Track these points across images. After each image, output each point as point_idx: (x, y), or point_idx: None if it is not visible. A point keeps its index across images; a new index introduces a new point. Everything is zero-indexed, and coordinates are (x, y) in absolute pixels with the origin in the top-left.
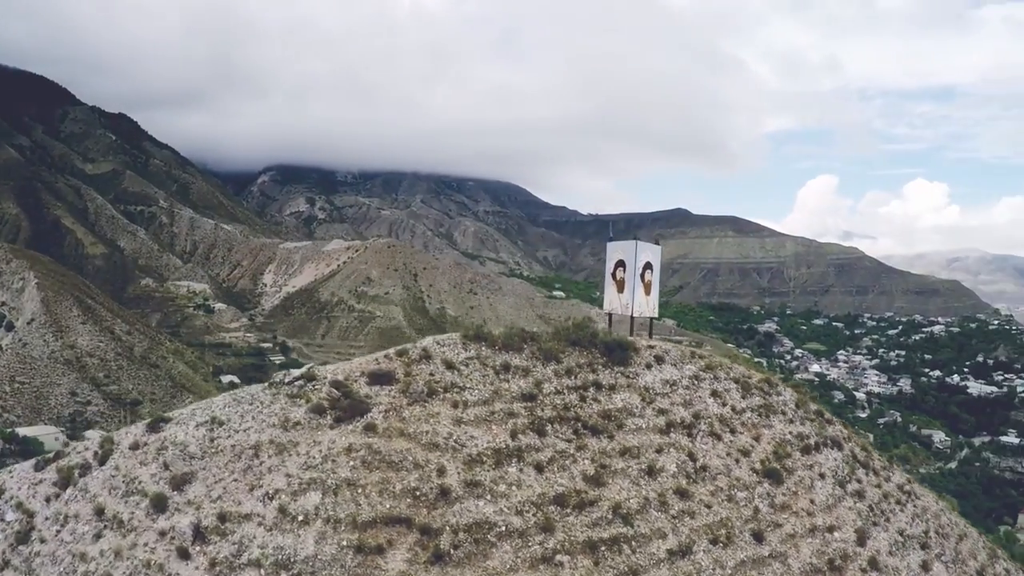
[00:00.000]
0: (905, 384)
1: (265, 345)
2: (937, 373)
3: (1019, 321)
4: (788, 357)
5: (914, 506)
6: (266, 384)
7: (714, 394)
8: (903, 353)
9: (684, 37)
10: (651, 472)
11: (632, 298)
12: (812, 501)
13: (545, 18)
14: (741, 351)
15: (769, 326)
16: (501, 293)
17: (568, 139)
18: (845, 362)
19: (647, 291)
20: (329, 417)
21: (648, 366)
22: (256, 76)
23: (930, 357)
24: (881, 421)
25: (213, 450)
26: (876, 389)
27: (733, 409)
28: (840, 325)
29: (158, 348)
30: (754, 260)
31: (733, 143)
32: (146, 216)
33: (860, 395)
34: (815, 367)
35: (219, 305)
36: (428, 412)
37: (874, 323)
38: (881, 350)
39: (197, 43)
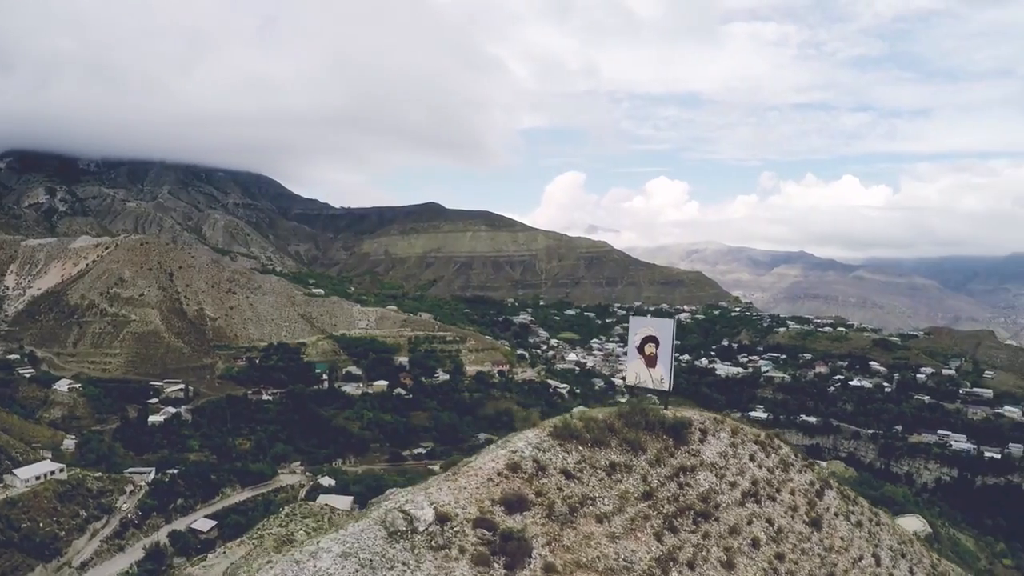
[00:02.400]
0: None
1: (12, 357)
2: (687, 357)
3: (758, 308)
4: (544, 347)
5: (878, 524)
6: (384, 533)
7: (751, 458)
8: None
9: (446, 34)
10: (755, 544)
11: (667, 375)
12: (841, 538)
13: (307, 7)
14: (500, 343)
15: (524, 317)
16: (261, 292)
17: (322, 131)
18: (599, 350)
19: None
20: (499, 567)
21: (701, 440)
22: None
23: (679, 342)
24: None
25: None
26: None
27: (768, 470)
28: (592, 315)
29: None
30: (507, 253)
31: (488, 139)
32: None
33: (618, 380)
34: (572, 356)
35: None
36: (583, 534)
37: (624, 312)
38: None
39: None
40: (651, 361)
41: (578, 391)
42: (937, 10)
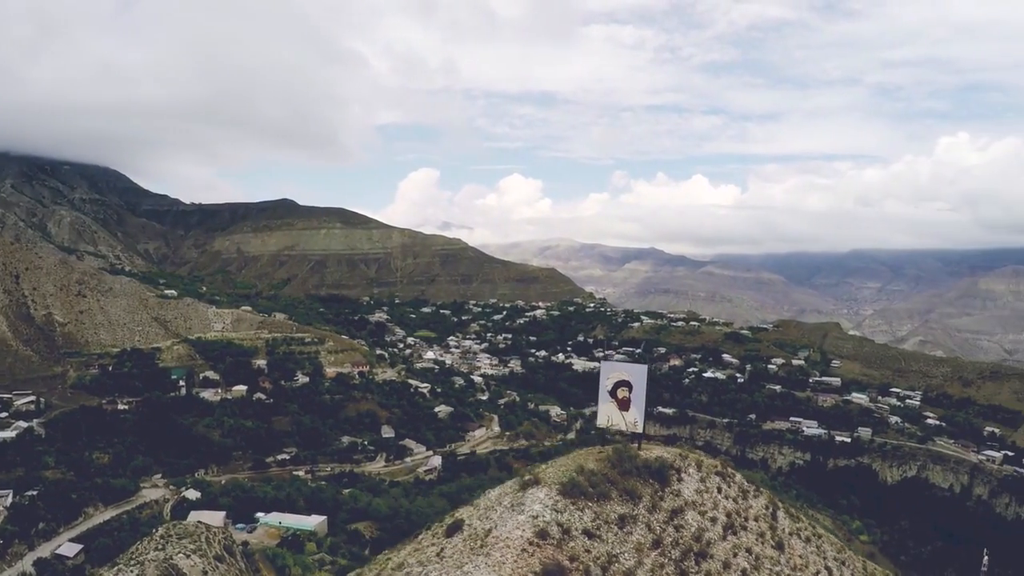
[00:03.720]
0: (516, 365)
1: None
2: (543, 353)
3: (611, 303)
4: (401, 346)
5: (819, 536)
6: None
7: (718, 490)
8: (510, 336)
9: (307, 27)
10: (744, 575)
11: (640, 417)
12: (800, 556)
13: None
14: (357, 342)
15: (380, 316)
16: (112, 294)
17: (174, 123)
18: (457, 347)
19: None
20: None
21: (678, 480)
22: None
23: (535, 339)
24: (502, 402)
25: None
26: (489, 371)
27: (734, 500)
28: (448, 312)
29: None
30: (362, 251)
31: (345, 135)
32: None
33: (477, 378)
34: (430, 354)
35: None
36: None
37: (480, 309)
38: (489, 334)
39: None
40: (624, 405)
41: (439, 390)
42: (790, 20)
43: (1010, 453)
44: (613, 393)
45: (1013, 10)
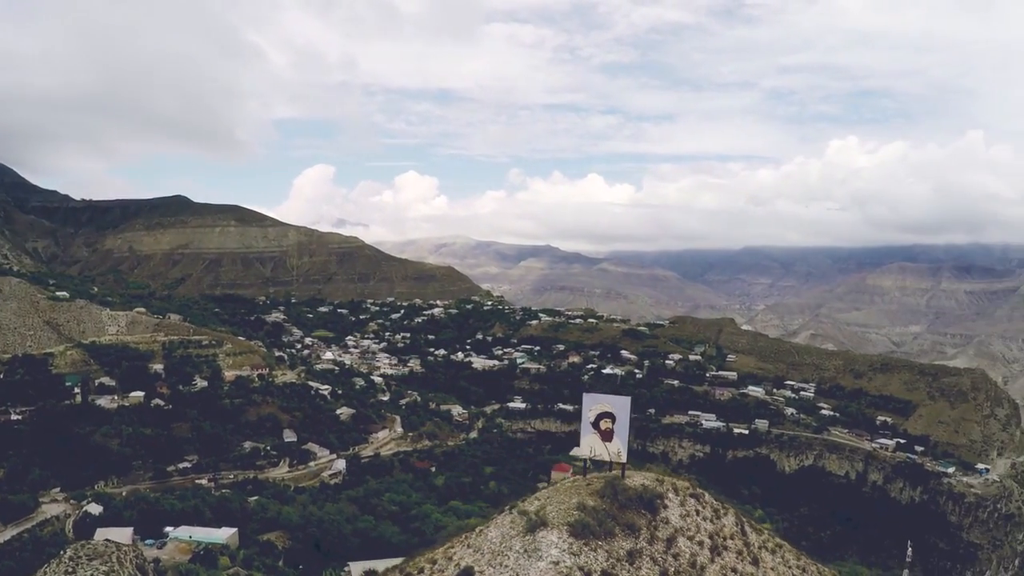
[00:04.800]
0: (416, 364)
1: None
2: (443, 352)
3: (508, 301)
4: (299, 346)
5: (779, 545)
6: None
7: (696, 512)
8: (409, 335)
9: (205, 18)
10: None
11: (624, 447)
12: (772, 569)
13: None
14: (255, 343)
15: (277, 316)
16: (1, 297)
17: (64, 115)
18: (355, 347)
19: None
20: None
21: (664, 507)
22: None
23: (434, 337)
24: (403, 402)
25: None
26: (389, 371)
27: (711, 520)
28: (345, 311)
29: None
30: (257, 250)
31: (241, 130)
32: None
33: (377, 378)
34: (328, 355)
35: None
36: None
37: (377, 308)
38: (387, 333)
39: None
40: (607, 436)
41: (340, 392)
42: (689, 24)
43: (902, 441)
44: (596, 424)
45: (903, 21)
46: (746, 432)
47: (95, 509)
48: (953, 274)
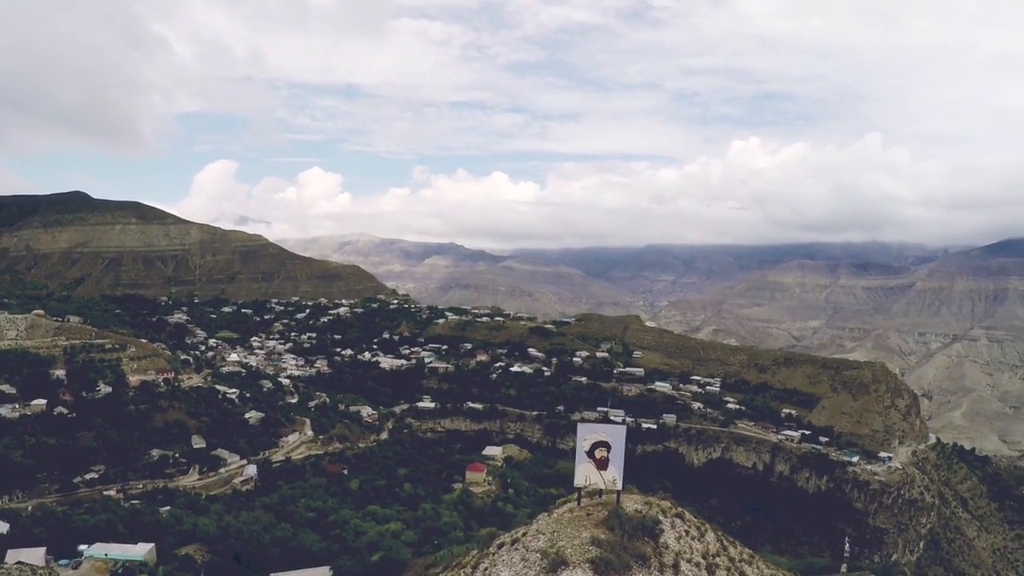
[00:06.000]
0: (322, 365)
1: None
2: (349, 352)
3: (413, 299)
4: (203, 348)
5: (753, 556)
6: None
7: (686, 532)
8: (314, 335)
9: (107, 6)
10: None
11: (619, 476)
12: None
13: None
14: (158, 345)
15: (179, 317)
16: None
17: None
18: (261, 348)
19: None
20: None
21: (661, 531)
22: None
23: (340, 337)
24: (312, 404)
25: None
26: (296, 372)
27: (698, 540)
28: (249, 312)
29: None
30: (159, 248)
31: (142, 123)
32: None
33: (285, 380)
34: (233, 356)
35: None
36: None
37: (282, 308)
38: (293, 334)
39: None
40: (602, 464)
41: (248, 395)
42: (597, 25)
43: (807, 432)
44: (591, 453)
45: (807, 28)
46: (655, 427)
47: (1, 527)
48: (851, 271)
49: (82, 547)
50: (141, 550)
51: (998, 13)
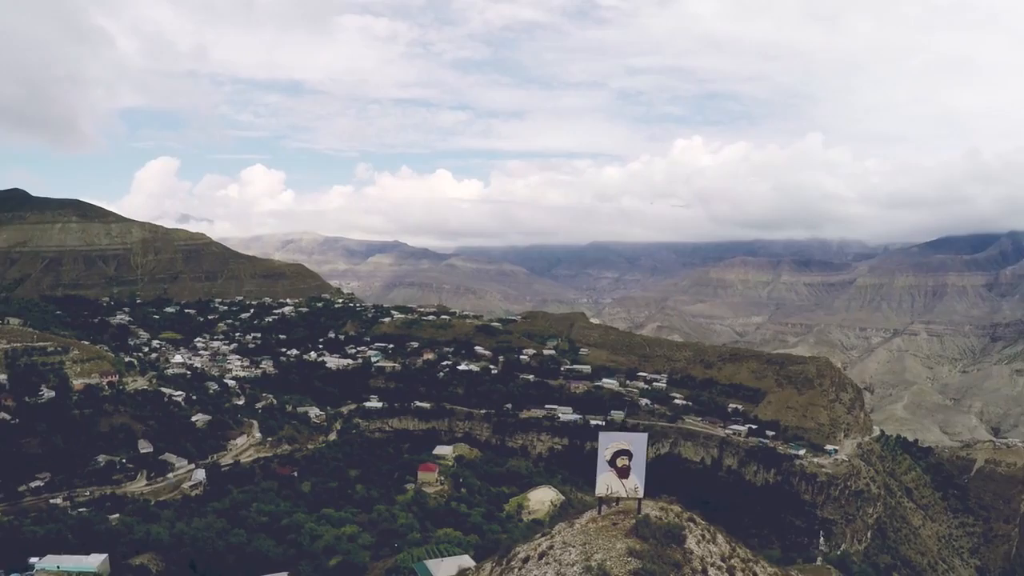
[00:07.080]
0: (268, 365)
1: None
2: (295, 352)
3: (358, 297)
4: (147, 349)
5: (755, 557)
6: None
7: (703, 537)
8: (259, 335)
9: None
10: None
11: (641, 483)
12: None
13: None
14: (100, 347)
15: (122, 318)
16: None
17: None
18: (205, 349)
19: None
20: None
21: (684, 537)
22: None
23: (285, 337)
24: (259, 405)
25: None
26: (241, 373)
27: (713, 543)
28: (193, 312)
29: None
30: (100, 247)
31: (83, 119)
32: None
33: (230, 382)
34: (178, 358)
35: None
36: None
37: (226, 308)
38: (237, 334)
39: None
40: (624, 473)
41: (194, 397)
42: (542, 23)
43: (754, 426)
44: (612, 462)
45: (752, 29)
46: (602, 423)
47: None
48: (793, 268)
49: (32, 559)
50: (94, 561)
51: (939, 17)
